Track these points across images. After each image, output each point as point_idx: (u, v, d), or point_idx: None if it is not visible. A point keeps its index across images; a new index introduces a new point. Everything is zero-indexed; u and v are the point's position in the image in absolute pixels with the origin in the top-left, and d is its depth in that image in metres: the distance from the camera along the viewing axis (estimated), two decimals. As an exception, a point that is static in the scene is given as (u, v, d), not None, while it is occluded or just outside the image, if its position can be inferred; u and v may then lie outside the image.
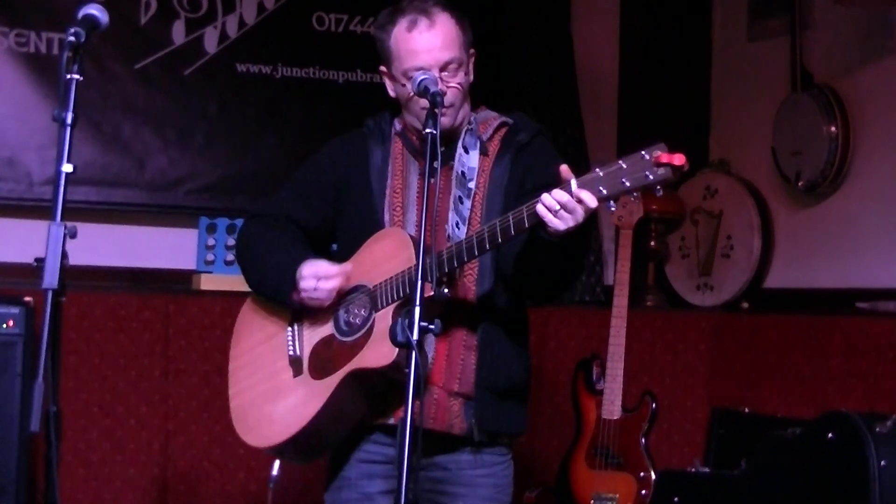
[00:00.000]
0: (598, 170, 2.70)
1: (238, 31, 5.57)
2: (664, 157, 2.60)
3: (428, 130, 2.82)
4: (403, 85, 3.05)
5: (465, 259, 2.90)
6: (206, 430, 5.00)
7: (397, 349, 2.79)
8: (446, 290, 2.92)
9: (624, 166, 2.66)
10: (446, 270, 2.91)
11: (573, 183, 2.71)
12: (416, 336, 2.65)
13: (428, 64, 3.01)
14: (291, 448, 3.14)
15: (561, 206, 2.71)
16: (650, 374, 5.44)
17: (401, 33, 3.06)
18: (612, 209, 2.74)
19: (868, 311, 5.08)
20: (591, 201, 2.70)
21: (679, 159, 2.60)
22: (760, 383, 5.34)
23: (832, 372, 5.02)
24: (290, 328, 3.18)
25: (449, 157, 3.06)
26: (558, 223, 2.73)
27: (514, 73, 5.94)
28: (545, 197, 2.73)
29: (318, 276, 3.05)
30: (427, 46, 3.03)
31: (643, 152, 2.63)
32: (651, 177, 2.62)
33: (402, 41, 3.05)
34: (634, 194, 2.71)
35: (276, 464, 4.45)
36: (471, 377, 3.05)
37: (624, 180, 2.65)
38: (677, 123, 6.03)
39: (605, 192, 2.68)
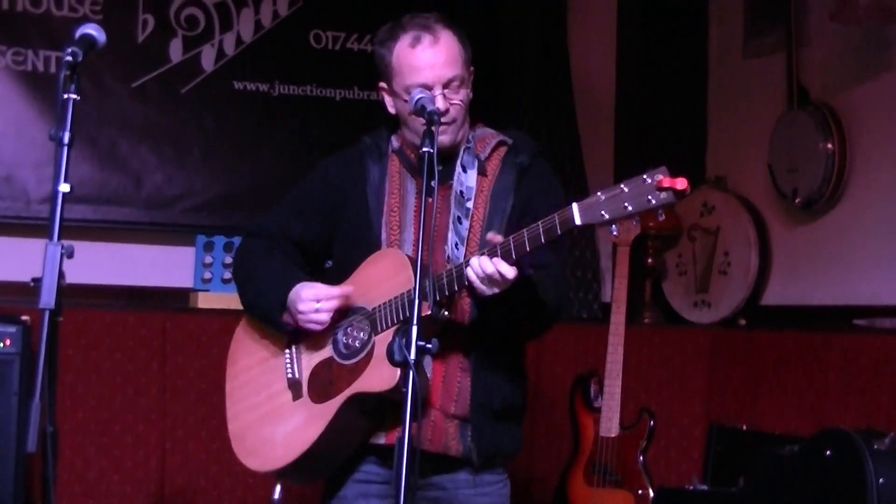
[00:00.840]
0: (599, 193, 2.68)
1: (235, 48, 5.58)
2: (666, 182, 2.58)
3: (425, 149, 2.81)
4: (405, 101, 3.03)
5: (456, 287, 2.89)
6: (203, 447, 4.99)
7: (399, 373, 2.78)
8: (446, 313, 2.91)
9: (626, 190, 2.64)
10: (447, 293, 2.90)
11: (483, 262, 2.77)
12: (413, 355, 2.65)
13: (431, 80, 3.00)
14: (293, 471, 3.13)
15: (486, 275, 2.78)
16: (648, 390, 5.43)
17: (403, 49, 3.04)
18: (615, 233, 2.73)
19: (866, 328, 5.07)
20: (509, 272, 2.75)
21: (681, 183, 2.58)
22: (758, 400, 5.33)
23: (830, 389, 5.01)
24: (287, 350, 3.16)
25: (447, 175, 3.06)
26: (485, 289, 2.80)
27: (511, 88, 5.94)
28: (473, 261, 2.79)
29: (318, 298, 3.03)
30: (430, 63, 3.02)
31: (645, 176, 2.62)
32: (653, 201, 2.60)
33: (405, 57, 3.04)
34: (636, 219, 2.68)
35: (278, 488, 4.43)
36: (467, 399, 3.04)
37: (626, 205, 2.64)
38: (674, 140, 6.04)
39: (606, 216, 2.66)
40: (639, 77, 6.21)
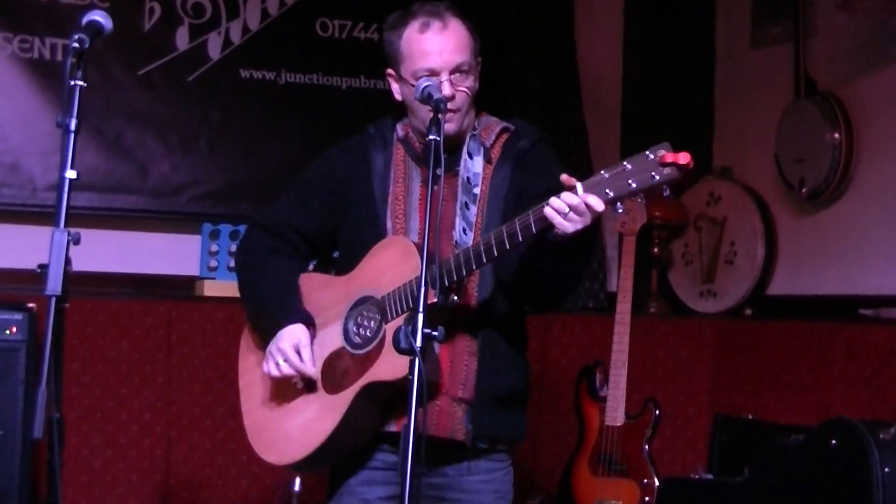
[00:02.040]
0: (603, 172, 2.69)
1: (242, 37, 5.57)
2: (669, 157, 2.58)
3: (431, 137, 2.81)
4: (412, 86, 3.03)
5: (474, 266, 2.88)
6: (209, 436, 4.99)
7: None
8: (455, 298, 2.92)
9: (629, 167, 2.64)
10: (455, 279, 2.90)
11: (579, 187, 2.70)
12: (419, 343, 2.64)
13: (439, 66, 3.01)
14: (309, 463, 3.13)
15: (570, 209, 2.70)
16: (653, 380, 5.43)
17: (413, 34, 3.05)
18: (621, 211, 2.72)
19: (871, 318, 5.07)
20: (599, 205, 2.69)
21: (684, 158, 2.58)
22: (763, 390, 5.33)
23: (835, 379, 5.01)
24: (299, 342, 3.17)
25: (453, 163, 3.06)
26: (567, 225, 2.71)
27: (518, 80, 5.94)
28: (553, 200, 2.71)
29: (297, 348, 3.08)
30: (439, 48, 3.02)
31: (647, 153, 2.62)
32: (657, 177, 2.60)
33: (415, 42, 3.04)
34: (641, 196, 2.67)
35: (297, 480, 4.43)
36: (473, 383, 3.04)
37: (630, 181, 2.64)
38: (680, 130, 6.03)
39: (611, 194, 2.67)
40: (645, 67, 6.21)
